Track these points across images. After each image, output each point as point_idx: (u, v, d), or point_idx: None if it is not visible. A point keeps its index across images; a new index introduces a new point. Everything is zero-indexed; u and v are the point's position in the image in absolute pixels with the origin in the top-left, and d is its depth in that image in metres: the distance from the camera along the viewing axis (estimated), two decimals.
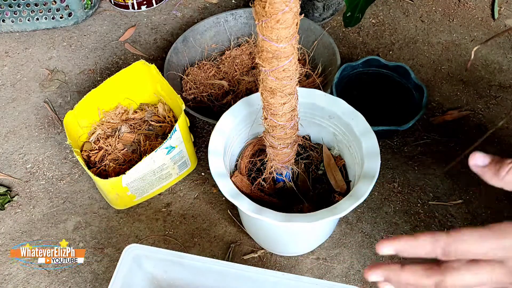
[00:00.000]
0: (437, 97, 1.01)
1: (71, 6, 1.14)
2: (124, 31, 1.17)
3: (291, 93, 0.59)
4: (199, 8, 1.22)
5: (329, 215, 0.62)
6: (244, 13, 1.06)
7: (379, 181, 0.90)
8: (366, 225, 0.85)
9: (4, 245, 0.85)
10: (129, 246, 0.63)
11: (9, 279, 0.82)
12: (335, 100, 0.75)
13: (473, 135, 0.95)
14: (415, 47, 1.10)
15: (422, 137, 0.95)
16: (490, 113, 0.98)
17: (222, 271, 0.63)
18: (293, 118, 0.63)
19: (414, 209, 0.86)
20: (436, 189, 0.88)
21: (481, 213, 0.85)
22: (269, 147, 0.69)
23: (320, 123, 0.78)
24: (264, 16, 0.50)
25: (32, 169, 0.94)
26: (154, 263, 0.66)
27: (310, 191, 0.76)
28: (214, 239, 0.85)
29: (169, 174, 0.87)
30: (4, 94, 1.06)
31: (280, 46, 0.52)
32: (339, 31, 1.14)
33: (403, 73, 0.93)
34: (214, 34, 1.06)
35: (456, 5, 1.18)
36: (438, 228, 0.84)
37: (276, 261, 0.82)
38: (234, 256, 0.82)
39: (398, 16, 1.16)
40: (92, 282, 0.81)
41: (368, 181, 0.65)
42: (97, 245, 0.85)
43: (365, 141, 0.70)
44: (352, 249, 0.82)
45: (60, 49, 1.14)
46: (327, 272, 0.80)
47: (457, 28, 1.13)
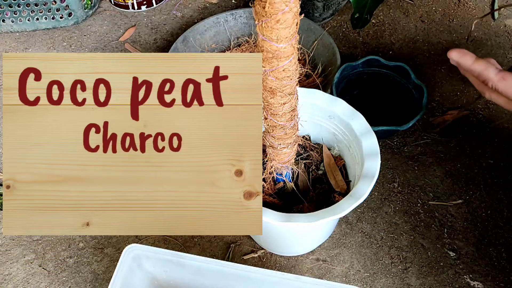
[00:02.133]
0: (437, 97, 1.01)
1: (71, 6, 1.14)
2: (124, 31, 1.17)
3: (291, 93, 0.59)
4: (199, 8, 1.22)
5: (329, 215, 0.63)
6: (244, 13, 1.06)
7: (379, 181, 0.90)
8: (366, 225, 0.85)
9: (4, 245, 0.85)
10: (129, 246, 0.63)
11: (9, 279, 0.82)
12: (335, 100, 0.75)
13: (473, 135, 0.95)
14: (415, 47, 1.10)
15: (422, 137, 0.95)
16: (490, 113, 0.98)
17: (222, 271, 0.63)
18: (293, 118, 0.63)
19: (414, 209, 0.86)
20: (436, 189, 0.88)
21: (481, 213, 0.85)
22: (269, 147, 0.69)
23: (320, 123, 0.78)
24: (264, 16, 0.50)
25: None
26: (154, 263, 0.66)
27: (310, 191, 0.76)
28: (214, 239, 0.85)
29: None
30: None
31: (280, 46, 0.52)
32: (339, 31, 1.14)
33: (403, 73, 0.93)
34: (214, 34, 1.06)
35: (456, 5, 1.18)
36: (438, 228, 0.84)
37: (276, 261, 0.82)
38: (234, 256, 0.82)
39: (398, 16, 1.16)
40: (92, 282, 0.81)
41: (368, 181, 0.65)
42: (97, 245, 0.85)
43: (365, 141, 0.70)
44: (352, 249, 0.82)
45: (60, 49, 1.14)
46: (327, 272, 0.80)
47: (457, 28, 1.13)
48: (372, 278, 0.79)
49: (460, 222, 0.84)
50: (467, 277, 0.79)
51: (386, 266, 0.80)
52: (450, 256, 0.81)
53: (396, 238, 0.83)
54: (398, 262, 0.81)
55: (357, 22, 0.93)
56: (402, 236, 0.83)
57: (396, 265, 0.80)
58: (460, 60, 0.64)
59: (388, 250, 0.82)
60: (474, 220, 0.84)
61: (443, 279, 0.79)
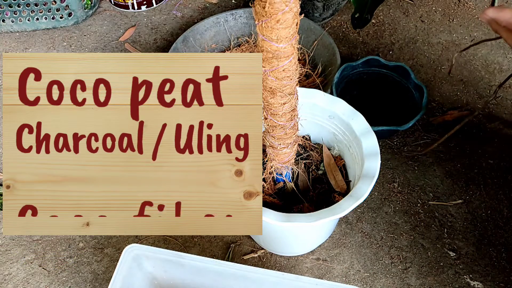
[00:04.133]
0: (437, 97, 1.01)
1: (71, 6, 1.14)
2: (124, 31, 1.17)
3: (291, 93, 0.59)
4: (199, 8, 1.22)
5: (329, 215, 0.63)
6: (244, 13, 1.06)
7: (379, 181, 0.90)
8: (366, 225, 0.85)
9: (4, 245, 0.85)
10: (129, 246, 0.63)
11: (9, 279, 0.82)
12: (335, 100, 0.75)
13: (473, 135, 0.95)
14: (415, 47, 1.10)
15: (422, 137, 0.95)
16: (490, 113, 0.98)
17: (222, 271, 0.63)
18: (293, 118, 0.63)
19: (414, 209, 0.86)
20: (436, 189, 0.88)
21: (481, 213, 0.85)
22: (269, 147, 0.69)
23: (320, 123, 0.78)
24: (264, 16, 0.50)
25: None
26: (154, 263, 0.66)
27: (310, 191, 0.76)
28: (214, 239, 0.85)
29: None
30: None
31: (280, 46, 0.52)
32: (339, 31, 1.14)
33: (403, 73, 0.93)
34: (214, 34, 1.06)
35: (456, 5, 1.18)
36: (438, 228, 0.84)
37: (276, 261, 0.82)
38: (234, 256, 0.82)
39: (398, 16, 1.16)
40: (92, 282, 0.81)
41: (368, 181, 0.65)
42: (97, 245, 0.85)
43: (365, 141, 0.70)
44: (352, 249, 0.82)
45: (60, 49, 1.14)
46: (327, 272, 0.80)
47: (457, 28, 1.13)
48: (372, 278, 0.79)
49: (460, 222, 0.84)
50: (467, 277, 0.79)
51: (386, 266, 0.80)
52: (450, 256, 0.81)
53: (396, 238, 0.83)
54: (398, 262, 0.81)
55: (357, 21, 0.93)
56: (402, 236, 0.83)
57: (396, 265, 0.80)
58: (498, 15, 0.63)
59: (388, 250, 0.82)
60: (474, 220, 0.85)
61: (443, 279, 0.79)
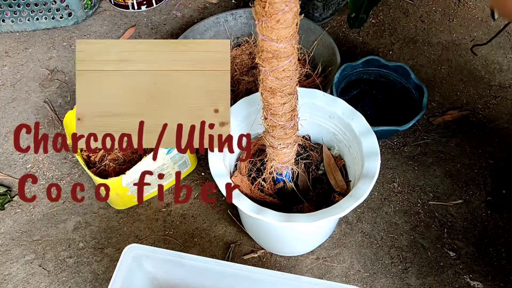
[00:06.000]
0: (437, 97, 1.01)
1: (71, 6, 1.14)
2: (124, 31, 1.17)
3: (291, 93, 0.59)
4: (199, 8, 1.22)
5: (329, 215, 0.63)
6: (244, 13, 1.06)
7: (379, 181, 0.90)
8: (366, 225, 0.85)
9: (4, 245, 0.85)
10: (129, 246, 0.63)
11: (9, 279, 0.82)
12: (335, 100, 0.75)
13: (473, 135, 0.95)
14: (415, 47, 1.10)
15: (422, 137, 0.95)
16: (490, 113, 0.98)
17: (222, 271, 0.63)
18: (293, 118, 0.63)
19: (414, 209, 0.86)
20: (436, 189, 0.88)
21: (481, 213, 0.85)
22: (269, 147, 0.69)
23: (320, 123, 0.78)
24: (264, 16, 0.50)
25: (32, 169, 0.94)
26: (154, 263, 0.66)
27: (310, 191, 0.76)
28: (214, 239, 0.85)
29: (169, 174, 0.87)
30: (4, 94, 1.06)
31: (280, 46, 0.52)
32: (339, 31, 1.14)
33: (403, 73, 0.93)
34: (214, 34, 1.06)
35: (456, 5, 1.18)
36: (438, 228, 0.84)
37: (276, 261, 0.82)
38: (234, 256, 0.82)
39: (398, 16, 1.16)
40: (92, 282, 0.81)
41: (368, 181, 0.65)
42: (97, 245, 0.85)
43: (365, 141, 0.70)
44: (352, 249, 0.82)
45: (60, 49, 1.14)
46: (327, 272, 0.80)
47: (457, 28, 1.13)
48: (372, 278, 0.79)
49: (460, 222, 0.84)
50: (467, 277, 0.79)
51: (386, 266, 0.80)
52: (450, 256, 0.81)
53: (396, 238, 0.83)
54: (398, 262, 0.81)
55: (353, 21, 0.93)
56: (402, 236, 0.83)
57: (396, 265, 0.80)
58: None
59: (388, 250, 0.82)
60: (474, 220, 0.84)
61: (443, 279, 0.79)
